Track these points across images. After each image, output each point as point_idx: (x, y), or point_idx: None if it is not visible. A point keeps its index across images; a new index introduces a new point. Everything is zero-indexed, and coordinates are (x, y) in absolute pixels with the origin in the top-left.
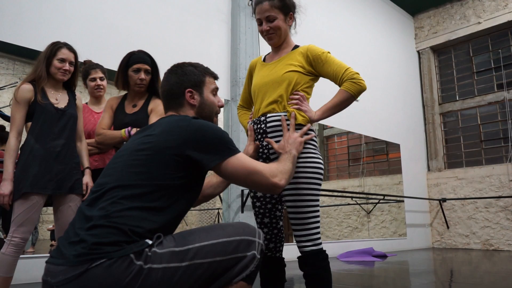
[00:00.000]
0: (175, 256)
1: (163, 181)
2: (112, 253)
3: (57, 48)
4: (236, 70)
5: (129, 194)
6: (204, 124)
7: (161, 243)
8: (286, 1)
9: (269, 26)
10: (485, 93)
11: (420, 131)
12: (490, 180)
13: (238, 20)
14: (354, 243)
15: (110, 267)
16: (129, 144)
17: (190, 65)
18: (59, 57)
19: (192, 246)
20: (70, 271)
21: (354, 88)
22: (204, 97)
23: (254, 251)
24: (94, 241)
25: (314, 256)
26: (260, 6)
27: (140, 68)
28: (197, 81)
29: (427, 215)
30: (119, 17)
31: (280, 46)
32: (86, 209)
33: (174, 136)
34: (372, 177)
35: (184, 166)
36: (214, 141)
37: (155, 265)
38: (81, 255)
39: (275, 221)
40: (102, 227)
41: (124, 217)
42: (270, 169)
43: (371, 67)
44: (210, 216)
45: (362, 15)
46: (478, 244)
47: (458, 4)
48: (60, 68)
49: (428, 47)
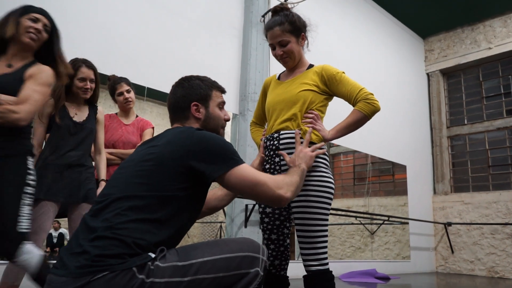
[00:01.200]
0: (178, 270)
1: (167, 192)
2: (115, 266)
3: (77, 68)
4: (246, 85)
5: (133, 205)
6: (207, 135)
7: (164, 256)
8: (296, 24)
9: (283, 50)
10: (494, 118)
11: (427, 153)
12: (497, 206)
13: (250, 36)
14: (357, 263)
15: (112, 280)
16: (134, 155)
17: (197, 79)
18: (79, 76)
19: (195, 261)
20: (72, 283)
21: (368, 109)
22: (210, 111)
23: (257, 268)
24: (97, 253)
25: (320, 276)
26: (271, 32)
27: (36, 18)
28: (203, 94)
29: (432, 239)
30: (131, 28)
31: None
32: (90, 220)
33: (178, 147)
34: (377, 197)
35: (188, 177)
36: (218, 151)
37: (157, 279)
38: (83, 266)
39: (282, 238)
40: (105, 238)
41: (128, 229)
42: (276, 181)
43: (380, 88)
44: (212, 229)
45: (373, 35)
46: (483, 271)
47: (469, 29)
48: (81, 87)
49: (438, 70)
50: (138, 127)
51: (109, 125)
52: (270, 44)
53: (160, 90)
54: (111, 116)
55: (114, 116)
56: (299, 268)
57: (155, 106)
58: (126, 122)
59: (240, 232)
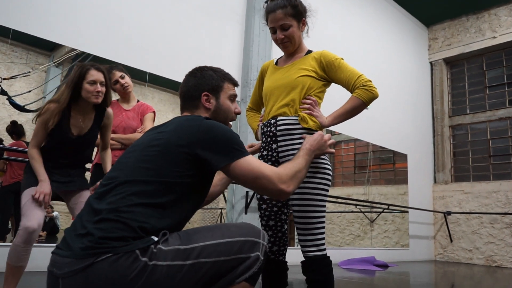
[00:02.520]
0: (180, 254)
1: (172, 179)
2: (118, 248)
3: (85, 71)
4: (248, 72)
5: (138, 190)
6: (216, 125)
7: (166, 240)
8: (298, 8)
9: (284, 34)
10: (497, 108)
11: (428, 142)
12: (497, 196)
13: (253, 22)
14: (356, 251)
15: (116, 262)
16: (142, 140)
17: (210, 69)
18: (89, 80)
19: (197, 245)
20: (76, 264)
21: (366, 95)
22: (220, 102)
23: (258, 252)
24: (101, 235)
25: (318, 262)
26: (273, 14)
27: None
28: (215, 85)
29: (431, 228)
30: (133, 14)
31: (294, 51)
32: (94, 202)
33: (185, 134)
34: (377, 185)
35: (193, 164)
36: (225, 142)
37: (159, 262)
38: (87, 248)
39: (280, 224)
40: (110, 221)
41: (133, 212)
42: (279, 174)
43: (382, 75)
44: (213, 216)
45: (376, 23)
46: (481, 260)
47: (473, 17)
48: (92, 91)
49: (441, 59)
50: (139, 112)
51: None
52: (270, 28)
53: (162, 76)
54: (112, 102)
55: (115, 102)
56: (299, 254)
57: (156, 91)
58: (127, 108)
59: (240, 218)
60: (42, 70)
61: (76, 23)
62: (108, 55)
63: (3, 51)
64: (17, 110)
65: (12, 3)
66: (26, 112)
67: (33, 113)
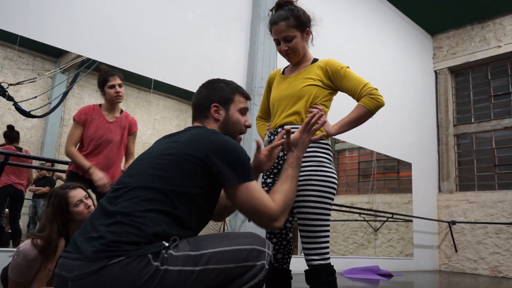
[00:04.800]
0: (190, 259)
1: (183, 188)
2: (131, 252)
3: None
4: (252, 79)
5: (150, 197)
6: (231, 141)
7: (176, 246)
8: (301, 18)
9: (288, 46)
10: (502, 117)
11: (433, 151)
12: (502, 206)
13: (258, 29)
14: (360, 260)
15: (128, 266)
16: (155, 147)
17: (222, 82)
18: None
19: (206, 251)
20: (87, 267)
21: (372, 104)
22: (230, 114)
23: (263, 261)
24: (113, 239)
25: (321, 271)
26: (276, 26)
27: None
28: (225, 97)
29: (436, 237)
30: (138, 21)
31: (299, 61)
32: (107, 206)
33: (200, 145)
34: (381, 194)
35: (204, 176)
36: (239, 160)
37: (171, 267)
38: (99, 251)
39: (284, 232)
40: (123, 224)
41: (145, 218)
42: (275, 211)
43: (387, 84)
44: (215, 223)
45: (380, 32)
46: (486, 270)
47: (478, 26)
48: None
49: (446, 67)
50: (122, 126)
51: (92, 119)
52: (274, 39)
53: (167, 83)
54: (94, 108)
55: (98, 108)
56: (302, 262)
57: (161, 98)
58: (110, 119)
59: (243, 226)
60: (48, 76)
61: (83, 30)
62: (114, 62)
63: (10, 57)
64: (23, 116)
65: (20, 10)
66: (32, 118)
67: (38, 119)
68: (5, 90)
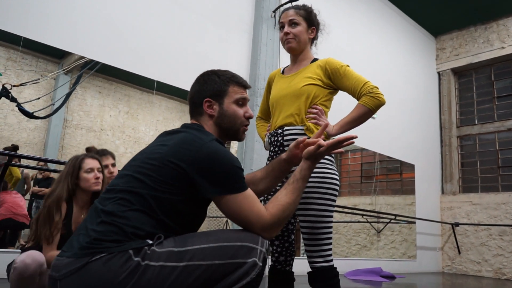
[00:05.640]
0: (174, 255)
1: (161, 194)
2: (112, 248)
3: (80, 161)
4: (255, 81)
5: (132, 199)
6: (217, 152)
7: (161, 243)
8: (311, 16)
9: (290, 30)
10: (505, 118)
11: (436, 153)
12: (506, 208)
13: (260, 31)
14: (362, 261)
15: (109, 261)
16: (148, 147)
17: (214, 74)
18: (86, 168)
19: (191, 248)
20: (72, 264)
21: (372, 103)
22: (224, 107)
23: (255, 258)
24: (96, 237)
25: (324, 273)
26: (286, 12)
27: None
28: (217, 90)
29: (439, 239)
30: (140, 22)
31: (299, 58)
32: (98, 206)
33: (184, 156)
34: (384, 196)
35: (186, 185)
36: (221, 173)
37: (152, 263)
38: (83, 248)
39: (286, 234)
40: (106, 224)
41: (127, 218)
42: (264, 223)
43: (390, 85)
44: (218, 224)
45: (383, 33)
46: (490, 272)
47: (482, 27)
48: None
49: (449, 69)
50: None
51: None
52: (280, 23)
53: (169, 84)
54: None
55: None
56: (305, 264)
57: (163, 99)
58: None
59: None
60: (51, 77)
61: (85, 32)
62: (116, 63)
63: (14, 59)
64: (26, 117)
65: (23, 11)
66: (35, 119)
67: (41, 120)
68: (8, 91)
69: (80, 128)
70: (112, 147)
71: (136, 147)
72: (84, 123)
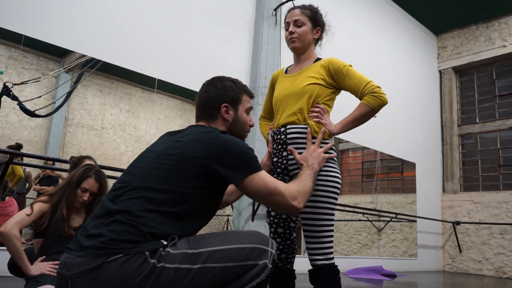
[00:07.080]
0: (188, 257)
1: (184, 189)
2: (129, 249)
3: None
4: (256, 79)
5: (150, 196)
6: (231, 140)
7: (175, 244)
8: (317, 16)
9: (295, 30)
10: (507, 117)
11: (437, 151)
12: (507, 206)
13: (261, 29)
14: (363, 260)
15: (125, 263)
16: (158, 145)
17: (230, 80)
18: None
19: (205, 250)
20: (86, 264)
21: (374, 102)
22: (238, 115)
23: (266, 260)
24: (112, 237)
25: (325, 271)
26: (291, 11)
27: None
28: (235, 97)
29: (440, 237)
30: (142, 21)
31: (302, 57)
32: (109, 204)
33: (202, 147)
34: (385, 194)
35: (207, 177)
36: (239, 157)
37: (168, 265)
38: (98, 248)
39: (288, 232)
40: (122, 223)
41: (145, 218)
42: (291, 190)
43: (391, 84)
44: (219, 223)
45: (385, 31)
46: (491, 271)
47: (483, 26)
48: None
49: (450, 67)
50: None
51: None
52: (286, 23)
53: (170, 82)
54: None
55: None
56: (306, 262)
57: (164, 98)
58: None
59: (247, 225)
60: (52, 76)
61: (87, 30)
62: (117, 62)
63: (15, 57)
64: (27, 115)
65: (24, 10)
66: (36, 117)
67: (43, 118)
68: (9, 90)
69: (81, 127)
70: (113, 145)
71: (137, 146)
72: (85, 122)
